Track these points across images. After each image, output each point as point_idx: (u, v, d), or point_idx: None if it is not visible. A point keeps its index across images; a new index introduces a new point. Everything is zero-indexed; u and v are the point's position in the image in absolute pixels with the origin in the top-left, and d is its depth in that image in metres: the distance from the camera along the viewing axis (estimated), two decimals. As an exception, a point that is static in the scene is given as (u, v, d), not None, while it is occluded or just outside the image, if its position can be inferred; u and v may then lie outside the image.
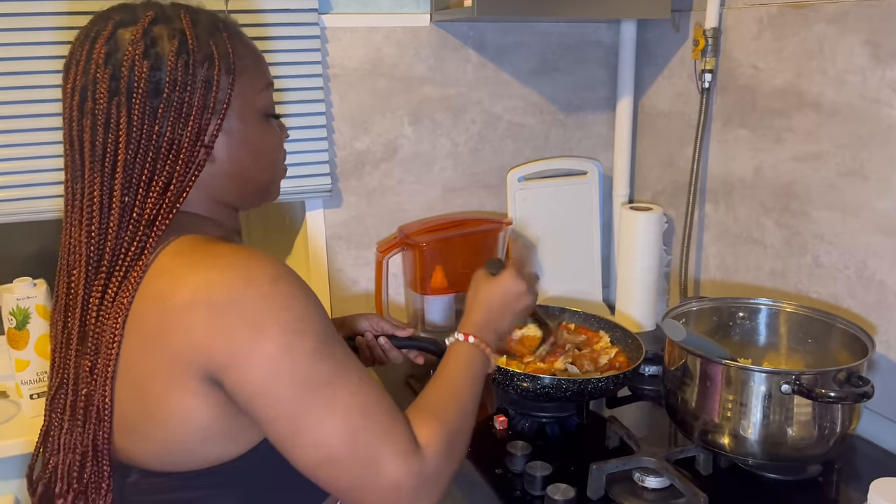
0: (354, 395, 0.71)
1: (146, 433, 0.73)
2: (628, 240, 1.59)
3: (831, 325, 1.16)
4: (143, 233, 0.74)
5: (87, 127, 0.75)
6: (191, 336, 0.68)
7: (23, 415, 1.34)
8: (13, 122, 1.30)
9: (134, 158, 0.74)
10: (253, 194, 0.86)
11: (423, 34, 1.55)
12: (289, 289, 0.71)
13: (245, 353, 0.68)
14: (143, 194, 0.74)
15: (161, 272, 0.72)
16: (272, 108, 0.85)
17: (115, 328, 0.72)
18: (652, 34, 1.64)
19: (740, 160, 1.43)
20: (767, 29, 1.33)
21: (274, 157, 0.87)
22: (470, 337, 0.93)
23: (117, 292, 0.73)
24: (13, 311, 1.28)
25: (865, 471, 1.12)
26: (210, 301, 0.68)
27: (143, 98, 0.74)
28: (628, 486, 1.05)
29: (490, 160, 1.68)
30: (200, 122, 0.76)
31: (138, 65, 0.73)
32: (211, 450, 0.74)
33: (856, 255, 1.22)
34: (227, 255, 0.72)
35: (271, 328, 0.68)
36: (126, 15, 0.76)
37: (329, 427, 0.69)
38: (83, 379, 0.75)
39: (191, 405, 0.71)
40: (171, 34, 0.75)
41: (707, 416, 1.07)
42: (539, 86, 1.68)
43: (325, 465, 0.70)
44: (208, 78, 0.76)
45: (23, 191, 1.33)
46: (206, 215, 0.81)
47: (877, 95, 1.15)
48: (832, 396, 0.96)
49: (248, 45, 0.82)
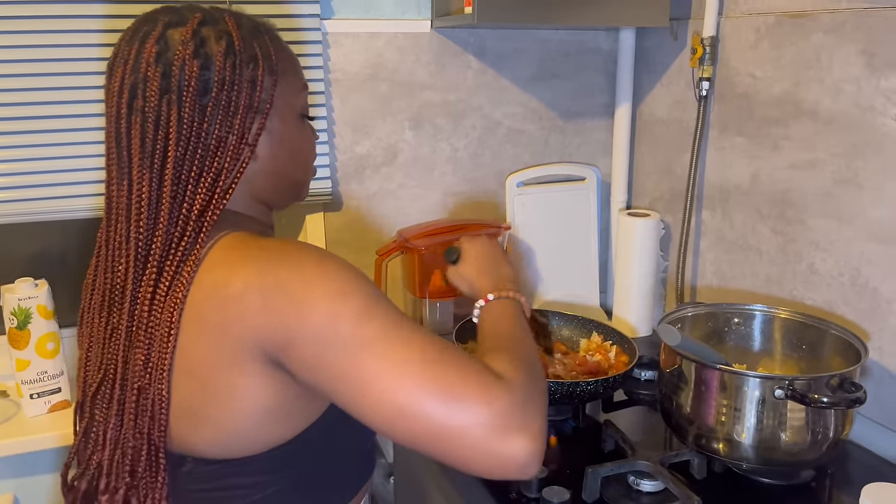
0: (409, 343, 0.69)
1: (206, 418, 0.74)
2: (626, 245, 1.60)
3: (825, 331, 1.17)
4: (192, 227, 0.76)
5: (137, 124, 0.77)
6: (246, 322, 0.70)
7: (23, 414, 1.35)
8: (16, 123, 1.32)
9: (184, 155, 0.76)
10: (288, 192, 0.89)
11: (424, 40, 1.56)
12: (333, 264, 0.73)
13: (296, 328, 0.69)
14: (192, 190, 0.76)
15: (214, 264, 0.74)
16: (307, 110, 0.89)
17: (170, 321, 0.73)
18: (650, 42, 1.65)
19: (737, 167, 1.44)
20: (765, 38, 1.34)
21: (309, 157, 0.90)
22: (489, 295, 0.95)
23: (170, 286, 0.74)
24: (14, 310, 1.29)
25: (858, 476, 1.13)
26: (262, 287, 0.70)
27: (193, 96, 0.76)
28: (623, 490, 1.06)
29: (489, 165, 1.69)
30: (245, 120, 0.78)
31: (188, 64, 0.76)
32: (267, 432, 0.76)
33: (850, 262, 1.23)
34: (276, 246, 0.75)
35: (316, 298, 0.69)
36: (174, 16, 0.79)
37: (388, 380, 0.67)
38: (136, 373, 0.76)
39: (254, 388, 0.73)
40: (218, 35, 0.78)
41: (701, 421, 1.08)
42: (538, 92, 1.69)
43: (396, 421, 0.67)
44: (253, 78, 0.79)
45: (25, 191, 1.34)
46: (245, 212, 0.84)
47: (872, 104, 1.16)
48: (825, 402, 0.97)
49: (286, 48, 0.86)
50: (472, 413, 0.66)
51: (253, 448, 0.76)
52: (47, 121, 1.33)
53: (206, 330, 0.73)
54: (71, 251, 1.52)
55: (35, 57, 1.30)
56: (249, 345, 0.71)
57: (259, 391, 0.73)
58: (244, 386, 0.73)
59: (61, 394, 1.36)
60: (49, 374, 1.33)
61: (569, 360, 1.32)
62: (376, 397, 0.67)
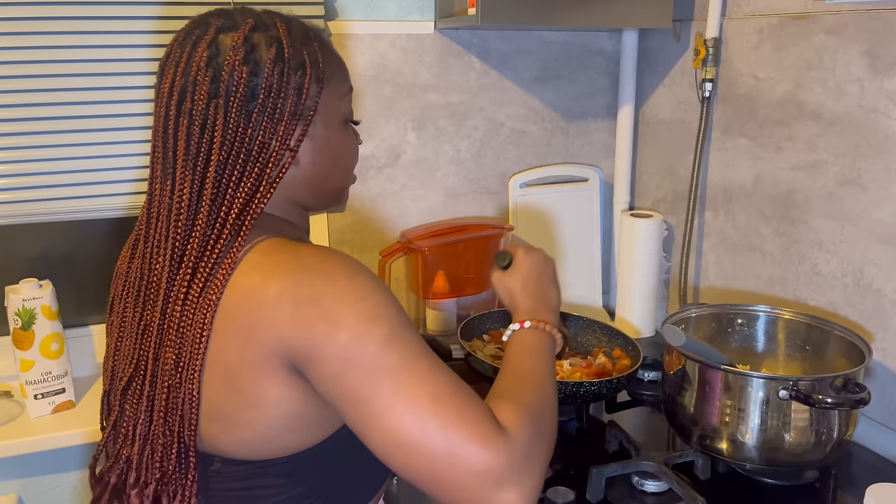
0: (423, 380, 0.70)
1: (236, 419, 0.75)
2: (628, 246, 1.60)
3: (829, 332, 1.18)
4: (230, 230, 0.76)
5: (184, 126, 0.77)
6: (277, 329, 0.71)
7: (27, 415, 1.35)
8: (19, 124, 1.32)
9: (226, 159, 0.77)
10: (327, 198, 0.89)
11: (428, 41, 1.57)
12: (365, 281, 0.73)
13: (323, 343, 0.70)
14: (232, 194, 0.77)
15: (251, 268, 0.75)
16: (352, 114, 0.89)
17: (203, 322, 0.74)
18: (653, 43, 1.65)
19: (740, 169, 1.44)
20: (767, 39, 1.35)
21: (351, 162, 0.90)
22: (526, 322, 0.92)
23: (203, 287, 0.75)
24: (19, 311, 1.29)
25: (861, 476, 1.13)
26: (294, 297, 0.71)
27: (240, 102, 0.76)
28: (627, 490, 1.06)
29: (492, 166, 1.70)
30: (289, 127, 0.79)
31: (238, 70, 0.76)
32: (294, 437, 0.77)
33: (853, 263, 1.23)
34: (311, 254, 0.75)
35: (346, 318, 0.70)
36: (227, 20, 0.79)
37: (397, 414, 0.69)
38: (167, 371, 0.76)
39: (281, 394, 0.73)
40: (268, 42, 0.78)
41: (705, 422, 1.08)
42: (541, 93, 1.69)
43: (397, 453, 0.69)
44: (300, 85, 0.79)
45: (29, 192, 1.34)
46: (283, 216, 0.85)
47: (875, 105, 1.17)
48: (829, 402, 0.98)
49: (334, 54, 0.86)
50: (469, 461, 0.67)
51: (279, 451, 0.77)
52: (52, 122, 1.33)
53: (238, 333, 0.73)
54: (75, 252, 1.52)
55: (39, 58, 1.30)
56: (276, 352, 0.72)
57: (285, 398, 0.74)
58: (271, 392, 0.73)
59: (65, 394, 1.36)
60: (53, 374, 1.34)
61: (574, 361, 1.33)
62: (384, 428, 0.69)
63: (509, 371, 0.85)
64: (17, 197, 1.34)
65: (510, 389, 0.80)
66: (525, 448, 0.71)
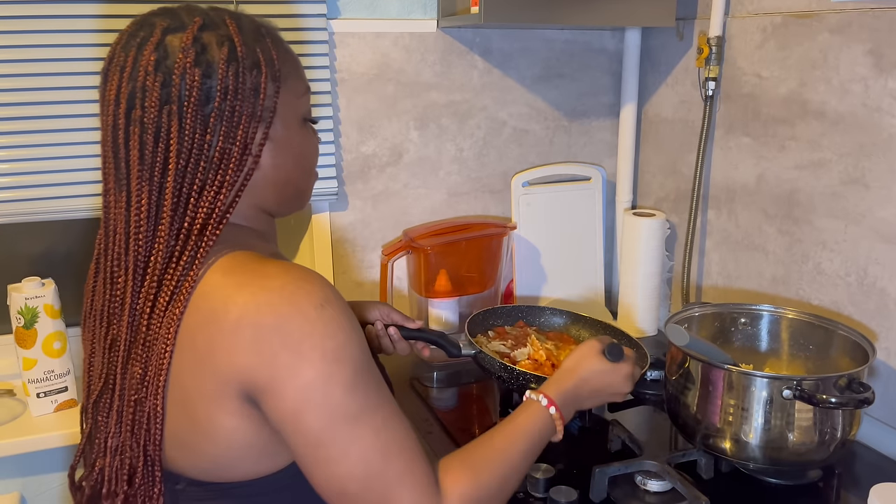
0: (377, 435, 0.70)
1: (192, 446, 0.74)
2: (631, 245, 1.60)
3: (832, 331, 1.17)
4: (194, 242, 0.73)
5: (135, 135, 0.73)
6: (234, 356, 0.69)
7: (29, 413, 1.35)
8: (21, 123, 1.32)
9: (185, 167, 0.73)
10: (291, 199, 0.86)
11: (430, 40, 1.57)
12: (334, 314, 0.70)
13: (284, 377, 0.68)
14: (195, 203, 0.74)
15: (213, 288, 0.72)
16: (310, 113, 0.86)
17: (167, 338, 0.72)
18: (656, 42, 1.65)
19: (743, 168, 1.44)
20: (771, 38, 1.34)
21: (313, 162, 0.87)
22: (552, 407, 0.90)
23: (169, 302, 0.72)
24: (21, 310, 1.29)
25: (865, 476, 1.13)
26: (256, 323, 0.68)
27: (194, 107, 0.73)
28: (630, 490, 1.06)
29: (494, 165, 1.69)
30: (248, 130, 0.75)
31: (190, 73, 0.73)
32: (254, 464, 0.75)
33: (857, 262, 1.23)
34: (277, 275, 0.71)
35: (312, 355, 0.68)
36: (172, 20, 0.75)
37: (346, 464, 0.69)
38: (133, 386, 0.75)
39: (233, 424, 0.72)
40: (220, 41, 0.74)
41: (709, 421, 1.08)
42: (544, 92, 1.69)
43: (338, 499, 0.71)
44: (256, 85, 0.76)
45: (31, 191, 1.34)
46: (248, 224, 0.81)
47: (879, 105, 1.16)
48: (833, 402, 0.97)
49: (289, 51, 0.82)
50: None
51: (243, 476, 0.76)
52: (53, 120, 1.33)
53: (195, 358, 0.71)
54: (77, 250, 1.52)
55: (38, 57, 1.30)
56: (231, 380, 0.70)
57: (239, 429, 0.72)
58: (224, 423, 0.72)
59: (68, 393, 1.36)
60: (56, 373, 1.34)
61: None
62: (331, 474, 0.70)
63: (496, 441, 0.84)
64: (20, 196, 1.34)
65: (480, 460, 0.80)
66: None
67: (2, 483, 1.39)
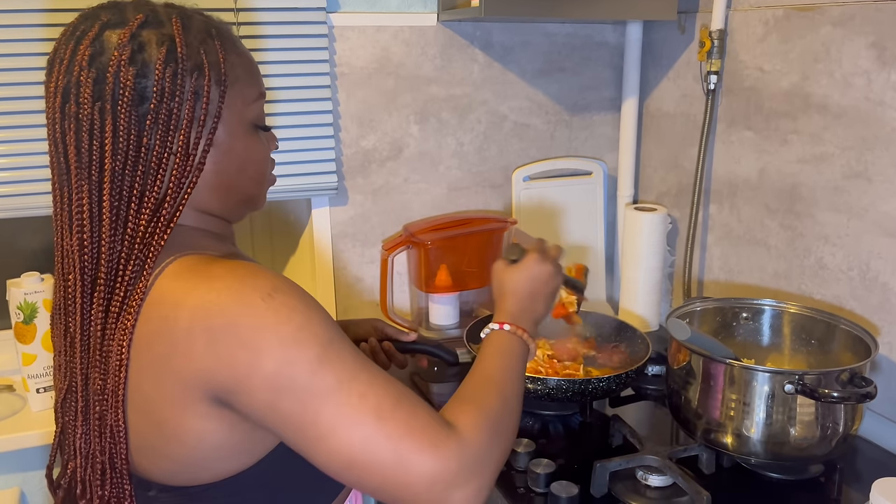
0: (364, 397, 0.68)
1: (162, 453, 0.73)
2: (632, 240, 1.60)
3: (834, 326, 1.17)
4: (138, 251, 0.71)
5: (71, 130, 0.72)
6: (192, 362, 0.68)
7: (29, 408, 1.35)
8: (18, 117, 1.31)
9: (122, 169, 0.71)
10: (237, 205, 0.83)
11: (430, 33, 1.56)
12: (285, 300, 0.69)
13: (247, 374, 0.67)
14: (136, 209, 0.72)
15: (163, 295, 0.71)
16: (262, 120, 0.83)
17: (120, 351, 0.71)
18: (658, 35, 1.64)
19: (745, 162, 1.44)
20: (773, 31, 1.34)
21: (260, 169, 0.83)
22: (505, 325, 0.90)
23: (120, 312, 0.71)
24: (21, 305, 1.28)
25: (867, 471, 1.13)
26: (207, 326, 0.67)
27: (128, 106, 0.71)
28: (631, 485, 1.05)
29: (495, 160, 1.69)
30: (190, 135, 0.73)
31: (124, 70, 0.70)
32: (227, 464, 0.74)
33: (859, 257, 1.22)
34: (223, 275, 0.70)
35: (269, 345, 0.67)
36: (115, 15, 0.73)
37: (341, 435, 0.68)
38: (95, 395, 0.74)
39: (203, 427, 0.70)
40: (159, 40, 0.72)
41: (710, 416, 1.07)
42: (545, 86, 1.68)
43: (347, 472, 0.69)
44: (197, 89, 0.73)
45: (30, 186, 1.34)
46: (199, 226, 0.80)
47: (882, 98, 1.16)
48: (835, 397, 0.97)
49: (241, 54, 0.79)
50: (420, 470, 0.67)
51: (211, 478, 0.74)
52: (53, 115, 1.33)
53: (154, 366, 0.70)
54: (77, 245, 1.51)
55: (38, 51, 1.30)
56: (195, 385, 0.68)
57: (209, 429, 0.71)
58: (193, 425, 0.70)
59: (68, 388, 1.36)
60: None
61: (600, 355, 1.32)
62: (329, 450, 0.68)
63: (478, 372, 0.84)
64: (19, 190, 1.33)
65: (473, 392, 0.80)
66: (478, 450, 0.71)
67: (2, 478, 1.39)
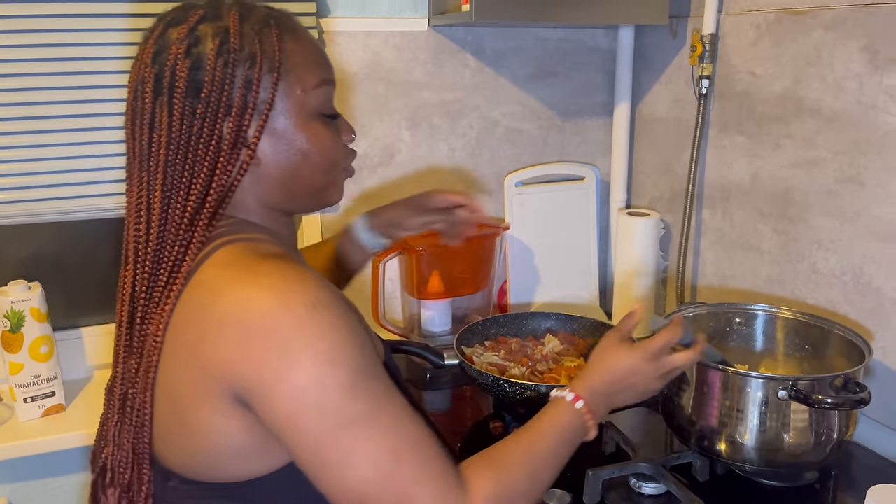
0: (385, 434, 0.68)
1: (179, 442, 0.73)
2: (625, 245, 1.59)
3: (828, 331, 1.16)
4: (182, 236, 0.72)
5: (137, 126, 0.75)
6: (221, 354, 0.67)
7: (17, 418, 1.33)
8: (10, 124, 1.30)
9: (174, 159, 0.73)
10: (305, 198, 0.83)
11: (422, 38, 1.55)
12: (327, 315, 0.68)
13: (273, 381, 0.66)
14: (184, 196, 0.73)
15: (203, 282, 0.71)
16: (328, 108, 0.82)
17: (156, 334, 0.72)
18: (649, 40, 1.64)
19: (738, 166, 1.43)
20: (765, 35, 1.33)
21: (328, 158, 0.82)
22: (579, 401, 0.85)
23: (161, 298, 0.72)
24: (8, 313, 1.27)
25: (862, 477, 1.12)
26: (243, 320, 0.66)
27: (182, 98, 0.73)
28: (625, 493, 1.04)
29: (487, 165, 1.68)
30: (240, 122, 0.74)
31: (180, 64, 0.73)
32: (241, 466, 0.73)
33: (853, 261, 1.22)
34: (269, 273, 0.69)
35: (303, 357, 0.66)
36: (178, 14, 0.77)
37: (355, 467, 0.67)
38: (129, 380, 0.75)
39: (219, 423, 0.70)
40: (215, 33, 0.74)
41: (704, 422, 1.06)
42: (537, 91, 1.68)
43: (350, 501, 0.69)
44: (249, 77, 0.74)
45: (17, 193, 1.33)
46: (260, 223, 0.80)
47: (874, 102, 1.15)
48: (829, 403, 0.96)
49: (302, 42, 0.80)
50: None
51: (230, 477, 0.74)
52: (42, 121, 1.31)
53: (184, 353, 0.70)
54: (65, 253, 1.50)
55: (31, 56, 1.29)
56: (219, 378, 0.68)
57: (225, 427, 0.70)
58: (212, 422, 0.70)
59: (55, 398, 1.34)
60: (43, 377, 1.32)
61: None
62: (339, 477, 0.67)
63: (522, 439, 0.81)
64: (6, 198, 1.32)
65: (506, 459, 0.77)
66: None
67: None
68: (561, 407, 0.85)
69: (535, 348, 1.35)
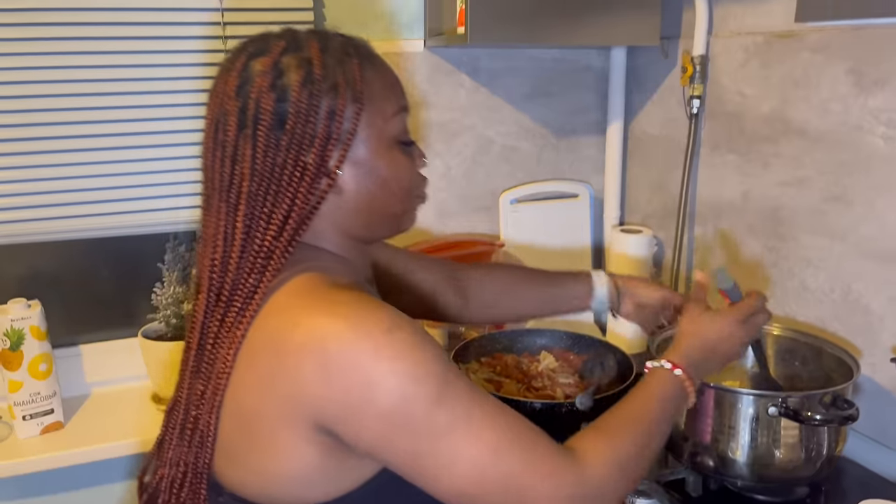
0: (480, 435, 0.68)
1: (247, 464, 0.73)
2: (619, 261, 1.61)
3: (818, 348, 1.18)
4: (260, 264, 0.73)
5: (219, 158, 0.75)
6: (302, 385, 0.67)
7: (16, 436, 1.34)
8: (10, 144, 1.32)
9: (257, 190, 0.73)
10: (382, 225, 0.83)
11: (418, 59, 1.58)
12: (404, 336, 0.68)
13: (360, 408, 0.66)
14: (265, 226, 0.73)
15: (278, 309, 0.71)
16: (405, 135, 0.81)
17: (226, 358, 0.72)
18: (641, 60, 1.67)
19: (728, 185, 1.45)
20: (754, 57, 1.36)
21: (405, 185, 0.81)
22: (677, 369, 0.87)
23: (234, 323, 0.72)
24: (7, 332, 1.28)
25: (852, 492, 1.13)
26: (322, 350, 0.67)
27: (266, 130, 0.73)
28: (619, 508, 1.05)
29: (483, 183, 1.70)
30: (323, 152, 0.74)
31: (265, 97, 0.73)
32: (305, 490, 0.73)
33: (841, 279, 1.24)
34: (344, 302, 0.70)
35: (386, 380, 0.66)
36: (260, 45, 0.76)
37: (459, 470, 0.68)
38: (194, 402, 0.75)
39: (299, 447, 0.70)
40: (298, 64, 0.74)
41: (696, 438, 1.08)
42: (531, 110, 1.70)
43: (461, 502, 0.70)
44: (332, 107, 0.74)
45: (18, 212, 1.34)
46: (336, 251, 0.80)
47: (859, 123, 1.18)
48: (818, 419, 0.98)
49: (380, 70, 0.79)
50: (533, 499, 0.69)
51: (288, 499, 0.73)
52: (42, 142, 1.33)
53: (259, 379, 0.71)
54: (64, 272, 1.51)
55: (30, 79, 1.30)
56: (299, 407, 0.68)
57: (307, 453, 0.70)
58: (287, 444, 0.70)
59: (54, 415, 1.35)
60: (42, 395, 1.33)
61: None
62: (448, 482, 0.68)
63: (627, 408, 0.82)
64: (5, 217, 1.33)
65: (614, 426, 0.79)
66: (599, 482, 0.72)
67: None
68: (661, 375, 0.88)
69: (530, 365, 1.37)
